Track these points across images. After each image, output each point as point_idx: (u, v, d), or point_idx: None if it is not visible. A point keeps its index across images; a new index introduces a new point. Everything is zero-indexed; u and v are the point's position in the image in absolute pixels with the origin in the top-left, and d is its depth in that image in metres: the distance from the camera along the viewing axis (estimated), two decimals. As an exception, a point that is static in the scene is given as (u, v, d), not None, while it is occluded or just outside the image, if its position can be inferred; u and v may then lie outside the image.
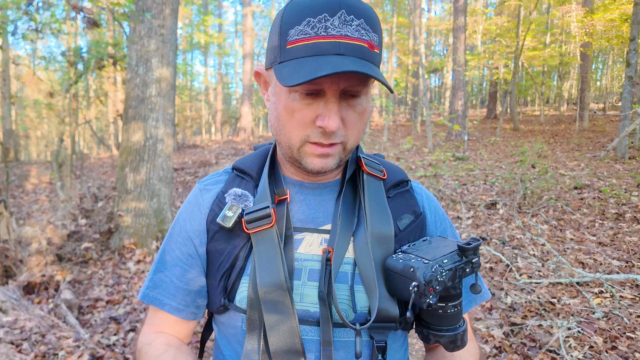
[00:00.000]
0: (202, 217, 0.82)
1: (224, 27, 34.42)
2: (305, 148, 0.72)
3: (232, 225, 0.76)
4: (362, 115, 0.73)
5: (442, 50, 33.93)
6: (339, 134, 0.71)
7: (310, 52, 0.65)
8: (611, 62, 25.88)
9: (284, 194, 0.79)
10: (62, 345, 2.79)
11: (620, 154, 8.23)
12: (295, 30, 0.66)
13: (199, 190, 0.86)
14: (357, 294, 0.75)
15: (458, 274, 0.70)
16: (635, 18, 8.09)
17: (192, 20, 23.38)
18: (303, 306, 0.74)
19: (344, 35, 0.65)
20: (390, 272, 0.73)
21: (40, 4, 4.68)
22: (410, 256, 0.72)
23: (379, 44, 0.70)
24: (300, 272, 0.76)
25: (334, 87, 0.67)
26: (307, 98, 0.69)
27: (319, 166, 0.73)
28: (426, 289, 0.66)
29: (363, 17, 0.66)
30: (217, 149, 14.68)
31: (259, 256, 0.74)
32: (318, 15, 0.65)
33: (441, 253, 0.72)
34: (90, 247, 4.64)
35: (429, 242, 0.78)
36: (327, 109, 0.68)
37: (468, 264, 0.71)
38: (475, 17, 17.38)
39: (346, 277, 0.76)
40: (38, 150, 23.70)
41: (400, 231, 0.80)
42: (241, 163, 0.86)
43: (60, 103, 8.36)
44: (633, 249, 3.98)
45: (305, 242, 0.78)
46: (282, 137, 0.74)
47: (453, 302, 0.73)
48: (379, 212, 0.79)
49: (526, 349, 2.65)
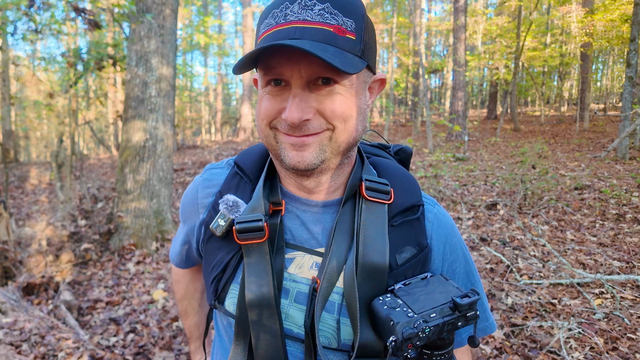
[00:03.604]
0: (199, 215, 0.85)
1: (224, 27, 34.45)
2: (279, 137, 0.69)
3: (222, 233, 0.76)
4: (343, 106, 0.66)
5: (442, 50, 33.95)
6: (312, 125, 0.66)
7: (271, 39, 0.63)
8: (611, 62, 25.90)
9: (279, 205, 0.77)
10: (62, 347, 2.78)
11: (620, 154, 8.22)
12: (264, 24, 0.66)
13: (200, 185, 0.87)
14: (343, 326, 0.72)
15: (446, 329, 0.64)
16: (636, 18, 8.08)
17: (192, 21, 23.38)
18: (287, 325, 0.74)
19: (303, 20, 0.62)
20: (375, 315, 0.69)
21: (40, 5, 4.68)
22: (397, 302, 0.67)
23: (358, 30, 0.65)
24: (287, 292, 0.74)
25: (296, 76, 0.64)
26: (274, 90, 0.67)
27: (295, 160, 0.68)
28: (404, 345, 0.62)
29: (329, 1, 0.63)
30: (217, 149, 14.68)
31: (248, 268, 0.72)
32: (280, 5, 0.64)
33: (431, 304, 0.65)
34: (90, 248, 4.64)
35: (427, 282, 0.71)
36: (290, 100, 0.65)
37: (461, 318, 0.65)
38: (475, 17, 17.38)
39: (334, 307, 0.72)
40: (38, 151, 23.70)
41: (397, 266, 0.72)
42: (242, 161, 0.84)
43: (59, 104, 8.36)
44: (634, 250, 3.97)
45: (296, 263, 0.76)
46: (260, 133, 0.72)
47: (439, 352, 0.68)
48: (374, 243, 0.71)
49: (527, 350, 2.65)
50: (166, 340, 3.04)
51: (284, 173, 0.79)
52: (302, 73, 0.64)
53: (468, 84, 20.05)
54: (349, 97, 0.67)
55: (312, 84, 0.66)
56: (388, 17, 23.50)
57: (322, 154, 0.69)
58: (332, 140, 0.68)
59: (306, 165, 0.68)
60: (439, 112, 19.57)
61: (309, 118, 0.66)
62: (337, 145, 0.69)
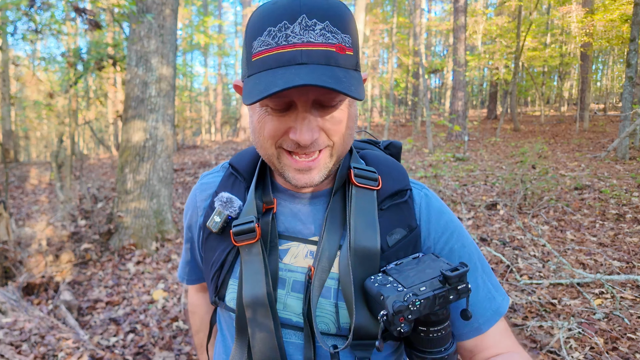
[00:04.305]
0: (198, 218, 0.88)
1: (224, 27, 34.44)
2: (283, 160, 0.71)
3: (218, 230, 0.79)
4: (341, 124, 0.70)
5: (442, 50, 33.95)
6: (317, 143, 0.69)
7: (273, 63, 0.62)
8: (611, 62, 25.91)
9: (271, 203, 0.79)
10: (62, 347, 2.78)
11: (620, 154, 8.22)
12: (258, 41, 0.64)
13: (197, 190, 0.91)
14: (341, 310, 0.74)
15: (438, 302, 0.65)
16: (636, 18, 8.08)
17: (192, 21, 23.37)
18: (286, 315, 0.76)
19: (307, 42, 0.62)
20: (367, 294, 0.70)
21: (40, 5, 4.68)
22: (387, 279, 0.68)
23: (352, 45, 0.66)
24: (284, 282, 0.76)
25: (303, 99, 0.65)
26: (279, 110, 0.67)
27: (302, 182, 0.71)
28: (395, 318, 0.63)
29: (328, 18, 0.63)
30: (217, 149, 14.67)
31: (245, 267, 0.75)
32: (278, 23, 0.62)
33: (421, 279, 0.67)
34: (90, 248, 4.64)
35: (418, 261, 0.73)
36: (299, 122, 0.66)
37: (452, 291, 0.66)
38: (475, 17, 17.38)
39: (330, 292, 0.75)
40: (38, 151, 23.70)
41: (388, 247, 0.75)
42: (236, 161, 0.87)
43: (59, 104, 8.36)
44: (634, 250, 3.97)
45: (291, 253, 0.78)
46: (260, 150, 0.74)
47: (435, 327, 0.69)
48: (365, 227, 0.74)
49: (527, 350, 2.65)
50: (166, 340, 3.04)
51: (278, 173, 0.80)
52: (310, 96, 0.65)
53: (468, 84, 20.05)
54: (347, 110, 0.70)
55: (317, 103, 0.67)
56: (388, 17, 23.50)
57: (326, 170, 0.73)
58: (332, 156, 0.72)
59: (314, 184, 0.72)
60: (439, 112, 19.57)
61: (317, 136, 0.68)
62: (337, 157, 0.74)
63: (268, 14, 0.64)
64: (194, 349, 2.82)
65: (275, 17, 0.63)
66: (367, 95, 19.77)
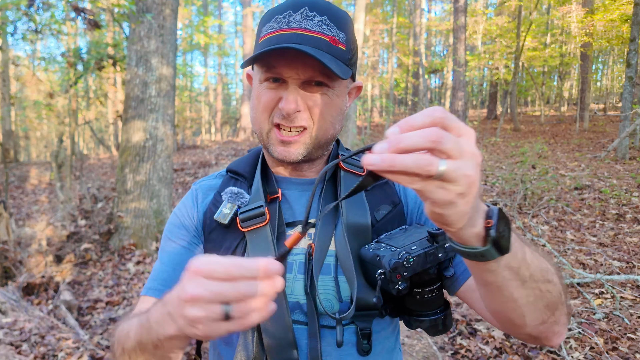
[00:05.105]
0: (199, 215, 0.88)
1: (224, 27, 34.44)
2: (271, 134, 0.79)
3: (228, 222, 0.81)
4: (328, 107, 0.77)
5: (442, 50, 33.95)
6: (301, 117, 0.76)
7: (275, 42, 0.72)
8: (611, 62, 25.90)
9: (275, 193, 0.85)
10: (62, 347, 2.78)
11: (620, 154, 8.22)
12: (266, 27, 0.76)
13: (196, 190, 0.91)
14: (341, 284, 0.79)
15: (429, 259, 0.70)
16: (636, 18, 8.09)
17: (192, 21, 23.37)
18: (294, 298, 0.79)
19: (304, 28, 0.72)
20: (363, 261, 0.76)
21: (40, 5, 4.68)
22: (381, 245, 0.75)
23: (347, 42, 0.76)
24: (291, 266, 0.81)
25: (294, 76, 0.74)
26: (272, 86, 0.76)
27: (282, 155, 0.79)
28: (392, 275, 0.67)
29: (327, 14, 0.74)
30: (217, 149, 14.68)
31: (252, 252, 0.78)
32: (284, 12, 0.74)
33: (411, 240, 0.72)
34: (90, 248, 4.64)
35: (405, 230, 0.80)
36: (287, 93, 0.75)
37: (440, 249, 0.71)
38: (475, 17, 17.38)
39: (330, 268, 0.80)
40: (38, 151, 23.70)
41: (377, 221, 0.83)
42: (234, 166, 0.91)
43: (59, 104, 8.36)
44: (634, 250, 3.97)
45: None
46: (255, 124, 0.81)
47: (429, 287, 0.74)
48: (355, 206, 0.82)
49: (527, 350, 2.65)
50: (166, 340, 3.03)
51: (275, 163, 0.87)
52: (300, 74, 0.74)
53: (468, 84, 20.05)
54: (334, 99, 0.78)
55: (306, 85, 0.76)
56: (388, 17, 23.49)
57: (305, 149, 0.79)
58: (312, 137, 0.79)
59: (291, 159, 0.79)
60: (439, 112, 19.49)
61: (300, 110, 0.76)
62: (318, 141, 0.80)
63: (278, 7, 0.76)
64: (193, 349, 2.82)
65: (283, 8, 0.75)
66: (367, 95, 19.76)
